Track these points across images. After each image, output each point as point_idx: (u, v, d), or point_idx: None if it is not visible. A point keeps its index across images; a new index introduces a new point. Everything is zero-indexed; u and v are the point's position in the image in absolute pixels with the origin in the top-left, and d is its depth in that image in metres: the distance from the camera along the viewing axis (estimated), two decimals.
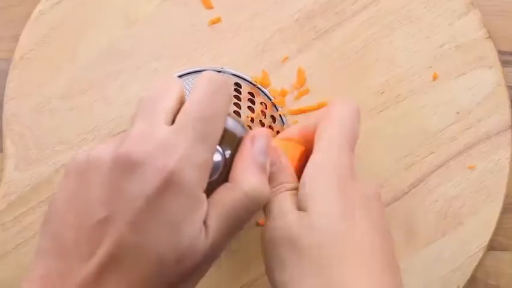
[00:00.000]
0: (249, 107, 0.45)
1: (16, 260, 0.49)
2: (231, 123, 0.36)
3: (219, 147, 0.35)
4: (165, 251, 0.30)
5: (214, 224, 0.32)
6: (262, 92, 0.44)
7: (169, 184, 0.30)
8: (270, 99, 0.43)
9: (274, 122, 0.45)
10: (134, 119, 0.32)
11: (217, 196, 0.33)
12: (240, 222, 0.33)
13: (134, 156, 0.30)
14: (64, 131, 0.49)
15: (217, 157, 0.35)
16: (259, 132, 0.35)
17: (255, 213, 0.33)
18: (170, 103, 0.32)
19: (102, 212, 0.30)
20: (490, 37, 0.50)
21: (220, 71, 0.44)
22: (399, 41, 0.50)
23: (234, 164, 0.34)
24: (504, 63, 0.50)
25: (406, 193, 0.49)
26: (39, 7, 0.50)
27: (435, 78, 0.49)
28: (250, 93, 0.44)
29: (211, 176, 0.34)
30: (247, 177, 0.33)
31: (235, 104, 0.45)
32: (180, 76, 0.44)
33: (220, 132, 0.32)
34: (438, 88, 0.49)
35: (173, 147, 0.30)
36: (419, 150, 0.49)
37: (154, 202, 0.30)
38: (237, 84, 0.44)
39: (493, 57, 0.49)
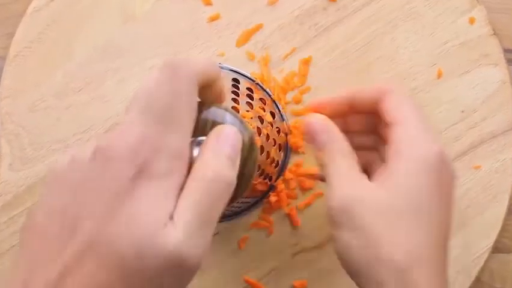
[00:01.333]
0: (247, 103, 0.44)
1: (11, 261, 0.48)
2: (230, 119, 0.35)
3: None
4: (126, 246, 0.29)
5: (184, 216, 0.31)
6: (262, 88, 0.43)
7: (137, 178, 0.30)
8: (270, 96, 0.43)
9: (273, 118, 0.44)
10: (124, 117, 0.32)
11: (184, 187, 0.32)
12: (210, 210, 0.32)
13: (108, 152, 0.30)
14: (59, 129, 0.49)
15: None
16: (226, 127, 0.34)
17: (225, 199, 0.32)
18: (154, 98, 0.32)
19: (73, 211, 0.30)
20: (494, 34, 0.49)
21: None
22: (401, 39, 0.49)
23: (199, 153, 0.33)
24: (509, 62, 0.49)
25: None
26: (34, 4, 0.49)
27: (439, 76, 0.49)
28: (248, 88, 0.43)
29: None
30: (208, 164, 0.32)
31: (233, 99, 0.44)
32: None
33: (187, 116, 0.32)
34: (442, 86, 0.49)
35: (143, 142, 0.30)
36: None
37: (122, 197, 0.30)
38: (235, 80, 0.44)
39: (498, 55, 0.49)
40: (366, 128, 0.41)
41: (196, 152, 0.33)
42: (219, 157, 0.33)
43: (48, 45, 0.49)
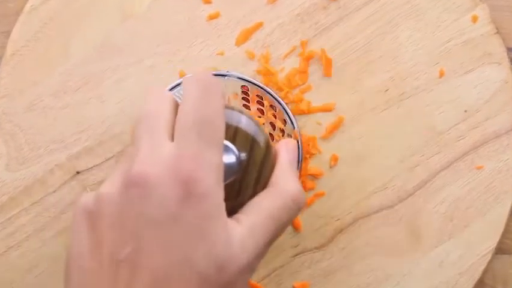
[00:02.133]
0: (258, 109, 0.44)
1: (7, 263, 0.48)
2: (245, 122, 0.34)
3: (233, 147, 0.34)
4: (204, 264, 0.29)
5: (259, 228, 0.31)
6: (271, 94, 0.42)
7: (189, 196, 0.29)
8: (280, 102, 0.42)
9: (284, 125, 0.43)
10: (137, 142, 0.32)
11: (262, 200, 0.33)
12: (283, 226, 0.33)
13: (147, 179, 0.29)
14: (57, 129, 0.48)
15: (231, 158, 0.34)
16: (292, 142, 0.37)
17: (295, 216, 0.34)
18: (168, 117, 0.32)
19: (127, 247, 0.29)
20: (497, 33, 0.48)
21: (225, 75, 0.42)
22: (403, 37, 0.49)
23: (275, 170, 0.34)
24: None
25: (411, 194, 0.48)
26: (31, 2, 0.49)
27: (441, 75, 0.48)
28: (258, 95, 0.43)
29: (226, 177, 0.33)
30: (292, 183, 0.34)
31: (245, 106, 0.44)
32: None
33: (222, 130, 0.32)
34: (445, 85, 0.48)
35: (183, 160, 0.30)
36: (425, 150, 0.48)
37: (179, 218, 0.29)
38: (244, 87, 0.43)
39: (501, 54, 0.48)
40: None
41: None
42: (295, 175, 0.35)
43: (45, 44, 0.49)
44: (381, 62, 0.49)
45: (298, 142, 0.43)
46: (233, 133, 0.34)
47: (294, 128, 0.43)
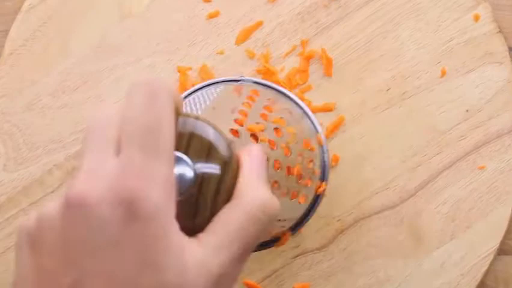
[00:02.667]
0: (262, 115, 0.42)
1: (6, 263, 0.48)
2: (200, 128, 0.30)
3: (186, 158, 0.30)
4: None
5: (225, 246, 0.28)
6: (289, 97, 0.41)
7: (132, 217, 0.26)
8: (301, 106, 0.40)
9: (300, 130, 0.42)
10: (81, 159, 0.28)
11: (225, 215, 0.30)
12: (255, 239, 0.30)
13: (86, 200, 0.26)
14: (55, 129, 0.48)
15: (185, 170, 0.30)
16: (256, 147, 0.32)
17: (268, 227, 0.31)
18: (115, 130, 0.28)
19: (68, 277, 0.27)
20: (500, 32, 0.48)
21: (239, 80, 0.41)
22: (405, 36, 0.48)
23: (239, 180, 0.31)
24: None
25: (413, 195, 0.47)
26: (29, 1, 0.49)
27: (443, 74, 0.48)
28: (269, 99, 0.42)
29: (180, 192, 0.29)
30: (258, 192, 0.30)
31: (240, 111, 0.41)
32: (195, 91, 0.42)
33: (170, 138, 0.28)
34: (446, 85, 0.48)
35: (125, 176, 0.27)
36: (426, 149, 0.48)
37: (122, 244, 0.26)
38: (253, 91, 0.41)
39: (503, 53, 0.48)
40: None
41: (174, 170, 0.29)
42: (262, 181, 0.31)
43: (44, 43, 0.48)
44: (383, 61, 0.48)
45: (323, 147, 0.42)
46: (187, 142, 0.30)
47: (317, 132, 0.42)
